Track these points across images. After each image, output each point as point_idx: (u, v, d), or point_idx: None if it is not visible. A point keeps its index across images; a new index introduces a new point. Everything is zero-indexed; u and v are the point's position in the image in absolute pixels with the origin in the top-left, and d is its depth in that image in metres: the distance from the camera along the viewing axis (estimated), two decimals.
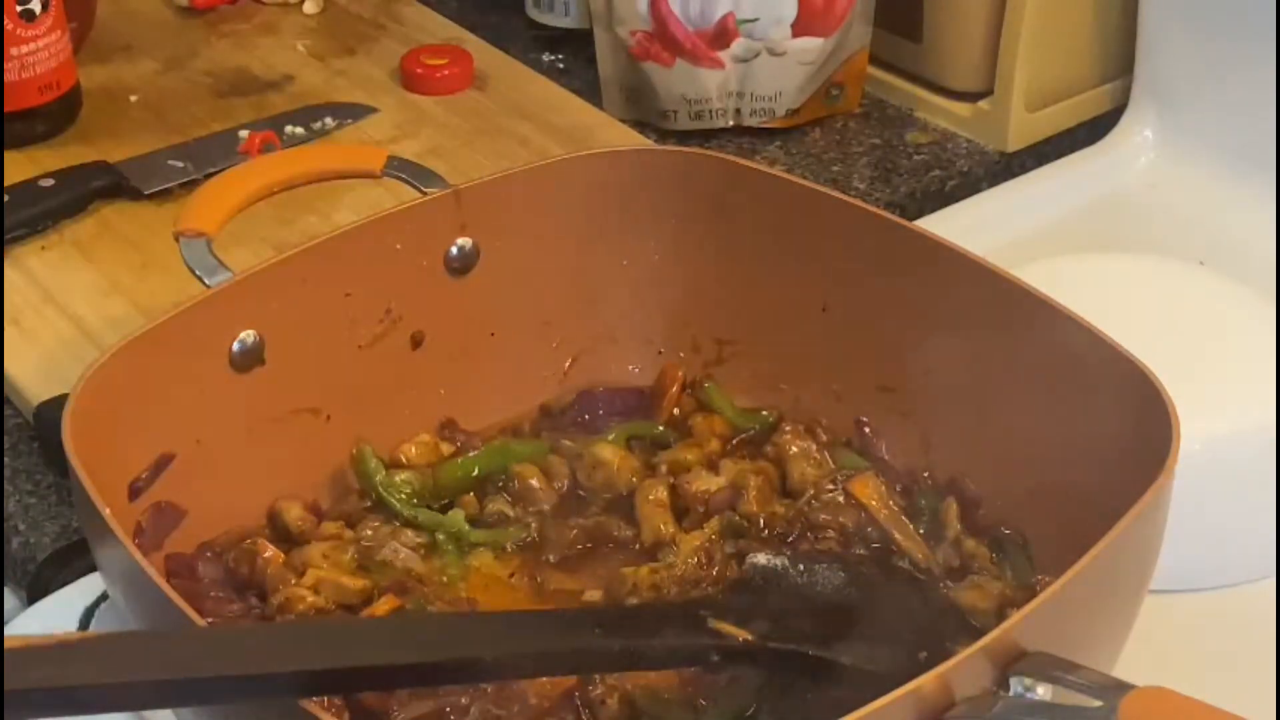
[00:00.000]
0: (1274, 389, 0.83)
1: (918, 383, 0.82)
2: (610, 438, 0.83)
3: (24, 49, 1.05)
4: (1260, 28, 1.03)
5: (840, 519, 0.77)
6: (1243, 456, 0.82)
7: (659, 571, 0.75)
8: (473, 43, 1.21)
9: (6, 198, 1.00)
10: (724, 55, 1.12)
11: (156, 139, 1.08)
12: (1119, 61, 1.15)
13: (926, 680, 0.58)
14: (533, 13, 1.25)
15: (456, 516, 0.79)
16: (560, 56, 1.24)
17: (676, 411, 0.86)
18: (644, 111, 1.15)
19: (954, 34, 1.14)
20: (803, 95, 1.14)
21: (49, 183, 1.02)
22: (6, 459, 0.88)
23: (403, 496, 0.79)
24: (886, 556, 0.77)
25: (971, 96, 1.15)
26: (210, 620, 0.70)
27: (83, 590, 0.80)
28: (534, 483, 0.81)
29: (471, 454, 0.82)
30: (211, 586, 0.75)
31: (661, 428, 0.85)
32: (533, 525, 0.80)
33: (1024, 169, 1.13)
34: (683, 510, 0.80)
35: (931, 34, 1.15)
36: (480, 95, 1.16)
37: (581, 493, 0.82)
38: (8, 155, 1.05)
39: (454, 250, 0.85)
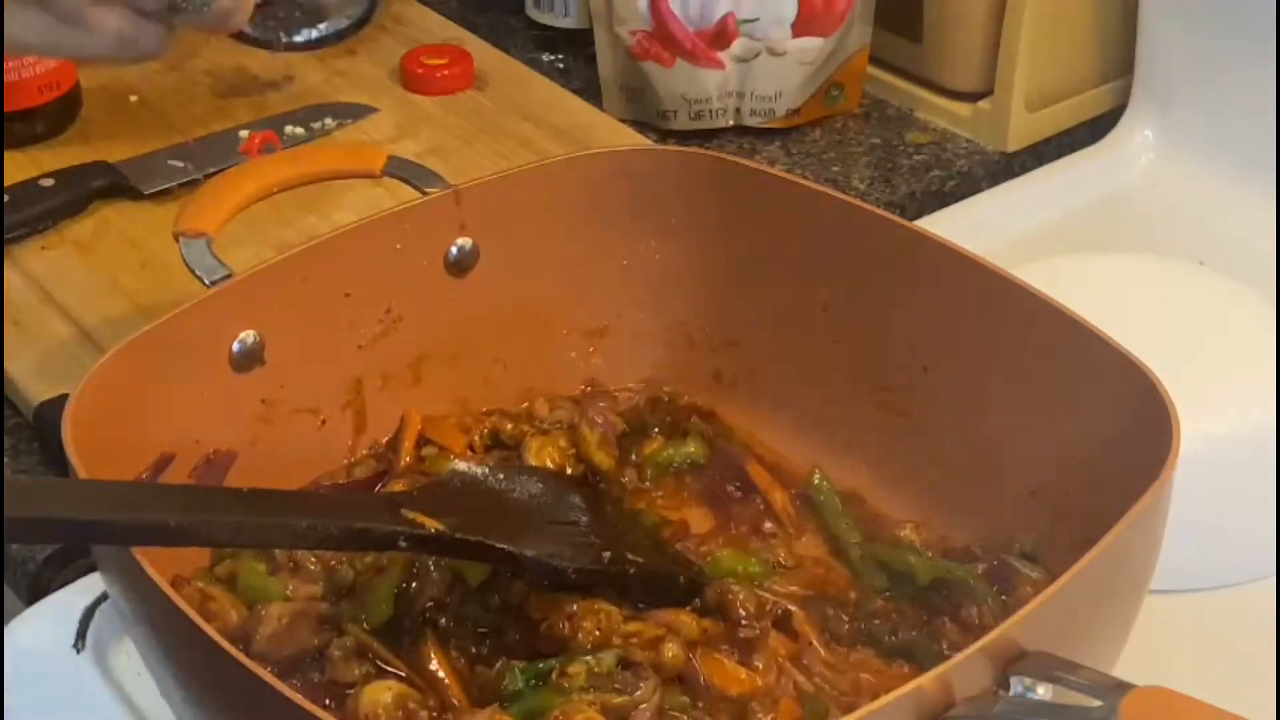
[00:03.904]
0: (1274, 389, 0.83)
1: (917, 382, 0.82)
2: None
3: None
4: (1260, 28, 1.03)
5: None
6: (1243, 456, 0.82)
7: None
8: (473, 43, 1.21)
9: (6, 198, 1.00)
10: (724, 55, 1.12)
11: (156, 139, 1.08)
12: (1119, 61, 1.15)
13: (927, 680, 0.58)
14: (533, 13, 1.25)
15: None
16: (560, 56, 1.24)
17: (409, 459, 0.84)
18: (644, 111, 1.15)
19: (954, 34, 1.14)
20: (803, 95, 1.14)
21: (49, 183, 1.02)
22: (6, 459, 0.88)
23: None
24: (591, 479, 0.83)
25: (971, 96, 1.15)
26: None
27: (83, 590, 0.80)
28: None
29: None
30: None
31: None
32: None
33: (1024, 169, 1.13)
34: None
35: (931, 34, 1.15)
36: (480, 95, 1.16)
37: None
38: (8, 155, 1.05)
39: (454, 250, 0.85)
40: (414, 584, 0.75)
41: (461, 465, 0.79)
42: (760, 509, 0.82)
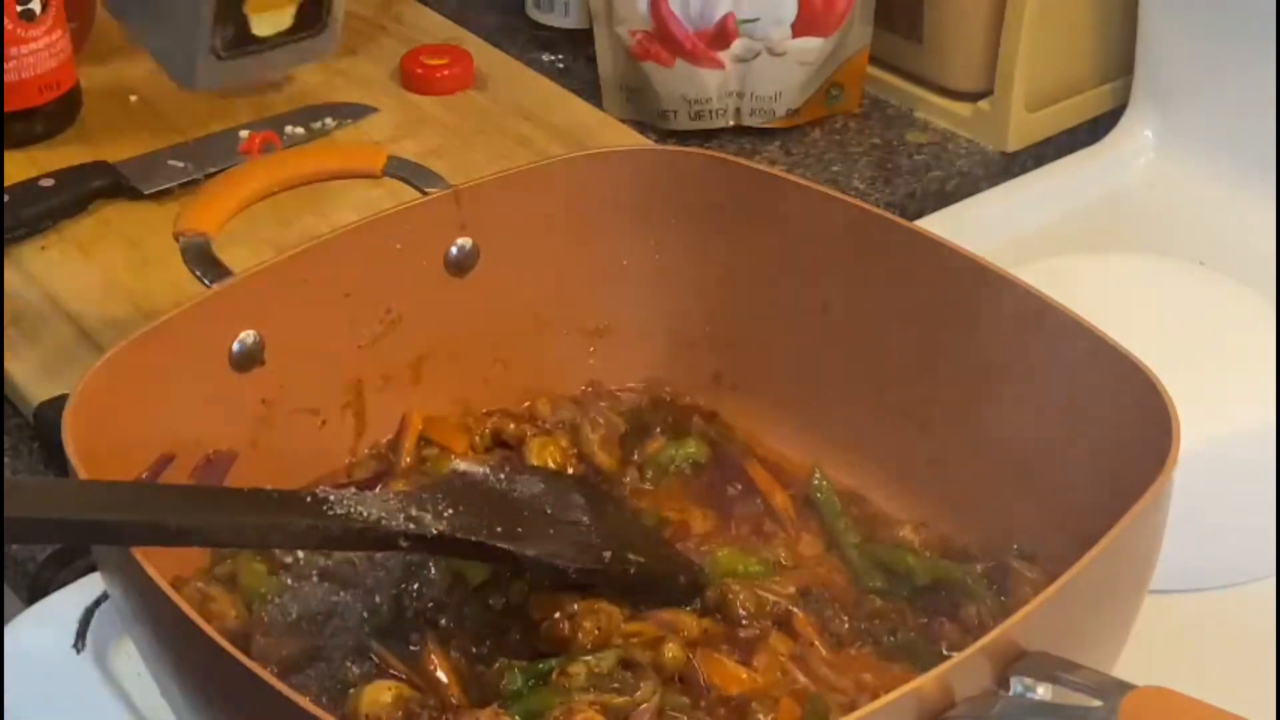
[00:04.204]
0: (1274, 389, 0.83)
1: (917, 382, 0.82)
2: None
3: (24, 49, 1.05)
4: (1260, 28, 1.03)
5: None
6: (1243, 456, 0.82)
7: None
8: (473, 43, 1.21)
9: (6, 198, 1.00)
10: (724, 55, 1.12)
11: (156, 139, 1.08)
12: (1119, 61, 1.15)
13: (927, 680, 0.58)
14: (533, 13, 1.25)
15: None
16: (560, 56, 1.24)
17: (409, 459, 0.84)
18: (644, 111, 1.15)
19: (954, 34, 1.14)
20: (803, 95, 1.14)
21: (49, 183, 1.02)
22: (6, 459, 0.88)
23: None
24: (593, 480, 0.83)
25: (971, 96, 1.15)
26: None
27: (83, 590, 0.80)
28: None
29: None
30: None
31: None
32: None
33: (1024, 169, 1.13)
34: None
35: (931, 34, 1.15)
36: (480, 95, 1.16)
37: None
38: (8, 155, 1.05)
39: (454, 250, 0.85)
40: (414, 584, 0.75)
41: (462, 465, 0.79)
42: (760, 509, 0.82)
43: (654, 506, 0.83)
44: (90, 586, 0.80)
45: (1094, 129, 1.16)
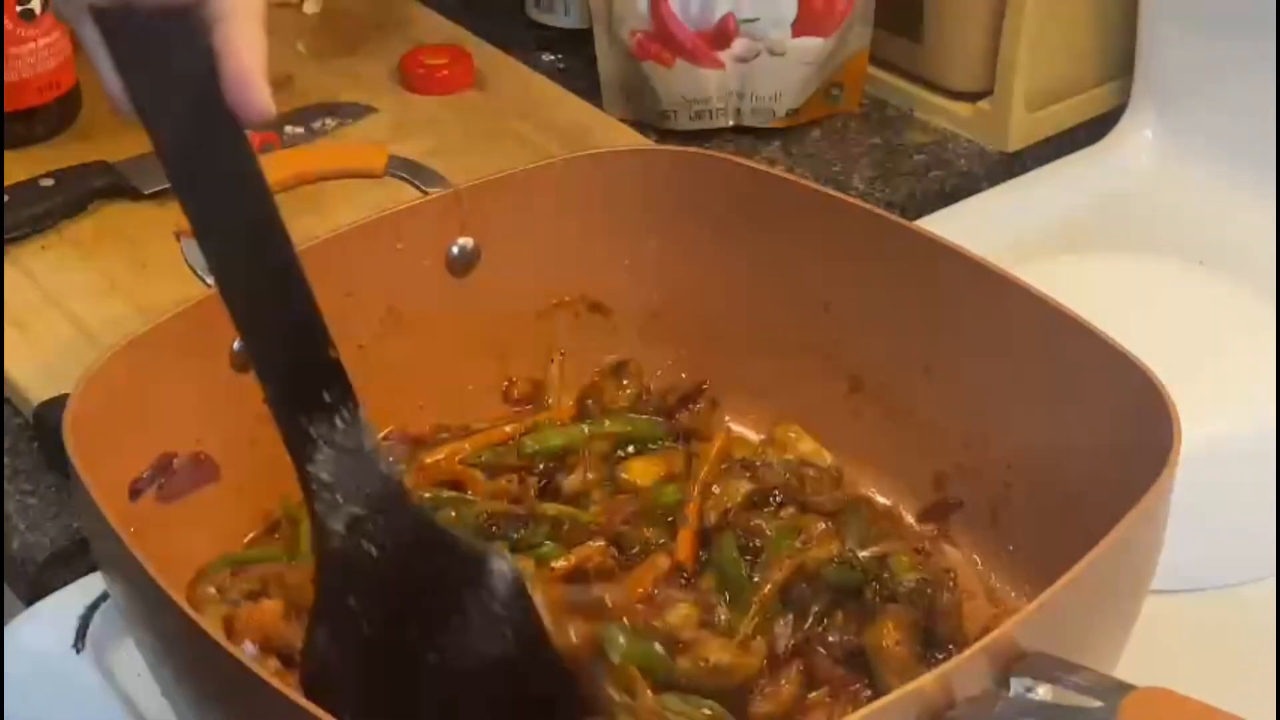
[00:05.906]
0: (1274, 389, 0.83)
1: (918, 382, 0.82)
2: None
3: (24, 49, 1.05)
4: (1260, 28, 1.03)
5: None
6: (1243, 456, 0.82)
7: None
8: (473, 43, 1.21)
9: (6, 198, 1.00)
10: (724, 55, 1.12)
11: None
12: (1119, 61, 1.15)
13: (927, 680, 0.58)
14: (533, 13, 1.25)
15: None
16: (560, 56, 1.24)
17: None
18: (644, 111, 1.15)
19: (954, 34, 1.14)
20: (803, 95, 1.14)
21: (49, 183, 1.02)
22: (6, 459, 0.88)
23: None
24: None
25: (971, 96, 1.15)
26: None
27: (83, 590, 0.80)
28: None
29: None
30: None
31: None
32: None
33: (1024, 169, 1.13)
34: None
35: (931, 34, 1.15)
36: (480, 95, 1.16)
37: None
38: (8, 155, 1.05)
39: (454, 250, 0.85)
40: None
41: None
42: None
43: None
44: (90, 586, 0.80)
45: (1094, 129, 1.16)
